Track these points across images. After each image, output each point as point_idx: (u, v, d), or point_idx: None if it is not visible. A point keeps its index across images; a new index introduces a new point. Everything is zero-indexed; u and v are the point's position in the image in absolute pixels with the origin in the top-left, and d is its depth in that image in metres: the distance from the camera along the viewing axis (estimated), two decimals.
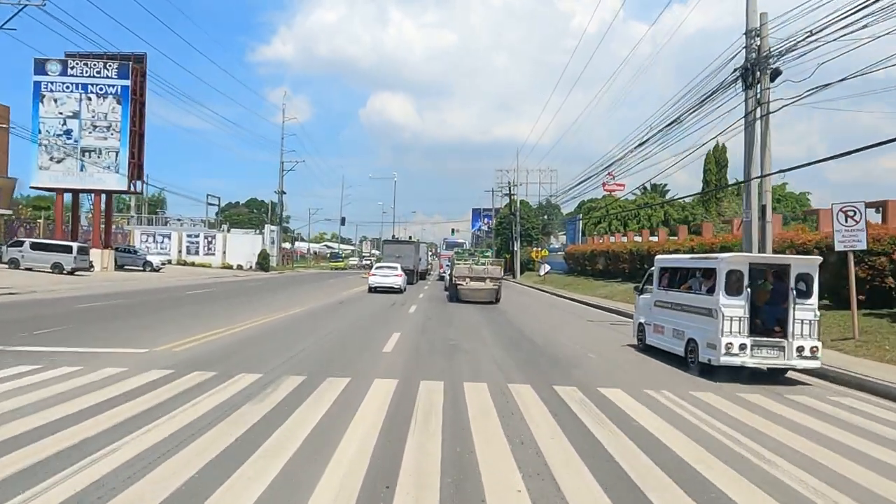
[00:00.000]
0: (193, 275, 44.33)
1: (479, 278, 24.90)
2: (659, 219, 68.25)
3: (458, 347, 12.31)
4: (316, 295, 27.69)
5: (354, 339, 13.23)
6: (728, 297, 9.63)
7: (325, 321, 16.49)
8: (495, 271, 25.13)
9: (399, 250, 42.05)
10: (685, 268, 11.79)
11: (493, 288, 24.92)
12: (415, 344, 12.64)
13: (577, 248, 44.37)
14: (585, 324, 19.28)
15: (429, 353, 11.60)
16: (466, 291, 24.81)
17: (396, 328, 15.08)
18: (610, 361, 11.50)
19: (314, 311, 19.56)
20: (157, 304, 20.25)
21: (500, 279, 25.13)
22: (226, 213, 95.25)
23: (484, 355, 11.43)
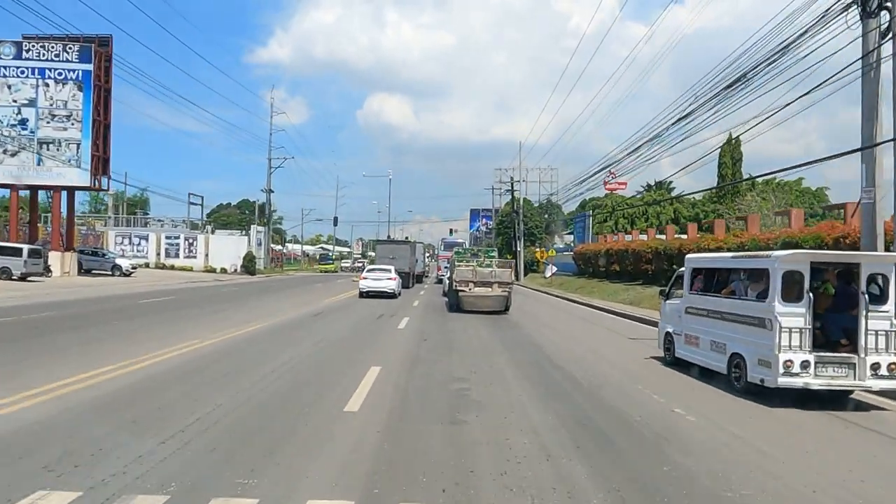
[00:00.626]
0: (168, 279, 39.84)
1: (484, 283, 20.44)
2: (668, 217, 63.99)
3: (467, 397, 7.82)
4: (293, 303, 23.22)
5: (308, 381, 8.67)
6: (786, 304, 7.97)
7: (283, 346, 11.99)
8: (504, 275, 20.66)
9: (393, 251, 37.56)
10: (725, 268, 10.02)
11: (503, 295, 20.46)
12: (400, 392, 8.15)
13: (587, 248, 39.83)
14: (627, 343, 14.79)
15: (421, 412, 7.13)
16: (470, 299, 20.34)
17: (377, 357, 10.60)
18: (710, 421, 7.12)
19: (278, 327, 15.10)
20: (82, 319, 15.74)
21: (510, 284, 20.67)
22: (216, 215, 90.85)
23: (512, 414, 6.96)
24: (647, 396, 8.34)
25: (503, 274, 20.59)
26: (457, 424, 6.45)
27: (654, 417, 7.10)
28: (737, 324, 8.83)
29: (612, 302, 25.70)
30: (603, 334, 16.65)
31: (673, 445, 5.98)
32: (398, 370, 9.57)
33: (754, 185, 60.44)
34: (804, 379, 7.77)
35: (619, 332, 16.79)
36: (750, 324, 8.50)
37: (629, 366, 11.07)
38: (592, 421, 6.83)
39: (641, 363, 11.37)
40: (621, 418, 7.01)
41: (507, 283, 20.52)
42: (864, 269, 8.04)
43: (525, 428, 6.35)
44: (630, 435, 6.35)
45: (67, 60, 35.43)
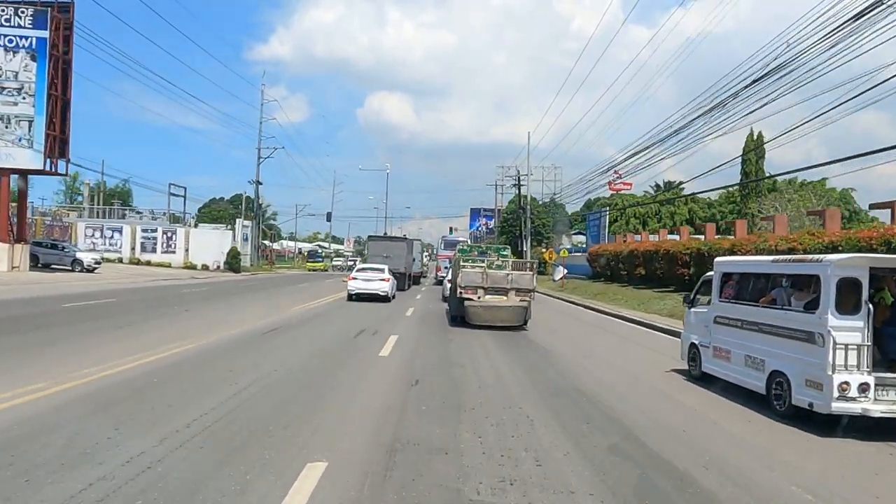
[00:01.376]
0: (136, 276, 34.97)
1: (498, 290, 15.62)
2: (683, 217, 59.26)
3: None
4: (257, 310, 18.41)
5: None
6: (840, 317, 6.77)
7: (187, 395, 7.15)
8: (524, 279, 15.80)
9: (388, 249, 32.70)
10: (763, 274, 8.63)
11: (521, 305, 15.62)
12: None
13: (604, 248, 34.91)
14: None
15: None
16: (479, 311, 15.50)
17: (324, 438, 5.77)
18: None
19: (211, 350, 10.30)
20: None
21: (531, 292, 15.82)
22: (207, 209, 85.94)
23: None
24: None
25: (522, 279, 15.74)
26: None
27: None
28: (778, 337, 7.75)
29: (649, 314, 20.84)
30: (677, 364, 11.77)
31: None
32: (357, 481, 4.69)
33: (776, 186, 55.88)
34: (862, 404, 6.69)
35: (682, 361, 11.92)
36: (795, 338, 7.43)
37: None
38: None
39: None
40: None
41: (527, 290, 15.68)
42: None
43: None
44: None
45: (19, 26, 30.52)
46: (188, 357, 9.65)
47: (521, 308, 15.58)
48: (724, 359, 8.93)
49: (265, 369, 8.90)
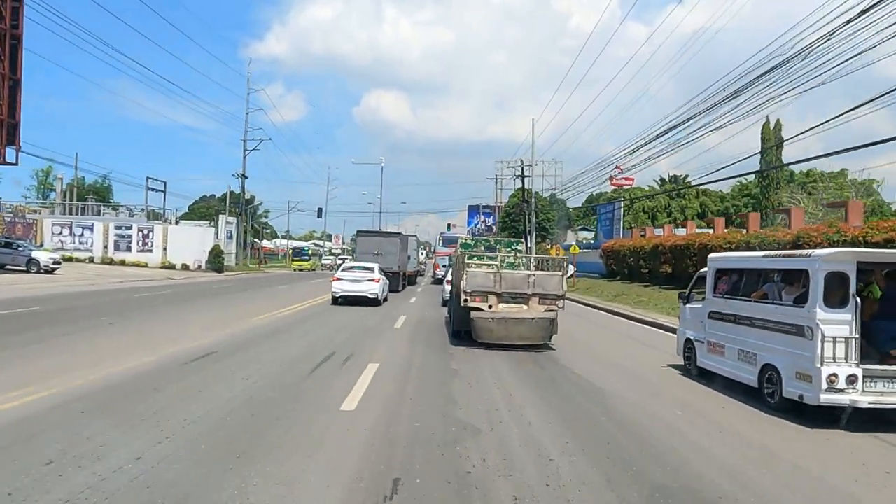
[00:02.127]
0: (100, 278, 30.87)
1: (516, 297, 11.55)
2: (694, 211, 55.29)
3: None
4: (207, 322, 14.35)
5: None
6: (828, 310, 6.88)
7: None
8: (551, 283, 11.65)
9: (379, 245, 28.57)
10: (755, 269, 8.67)
11: (546, 317, 11.52)
12: None
13: (620, 244, 30.73)
14: None
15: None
16: (491, 326, 11.41)
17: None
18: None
19: (60, 407, 6.18)
20: None
21: (559, 298, 11.75)
22: (198, 206, 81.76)
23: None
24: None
25: (549, 281, 11.62)
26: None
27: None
28: (770, 331, 7.71)
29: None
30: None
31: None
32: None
33: (793, 178, 51.94)
34: (851, 395, 6.69)
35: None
36: (786, 332, 7.40)
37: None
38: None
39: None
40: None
41: (554, 296, 11.60)
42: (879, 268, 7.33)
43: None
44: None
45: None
46: (69, 402, 5.65)
47: (547, 321, 11.53)
48: (718, 353, 8.93)
49: (100, 470, 4.71)
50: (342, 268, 23.53)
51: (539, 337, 11.58)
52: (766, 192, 43.43)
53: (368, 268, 22.37)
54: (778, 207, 39.84)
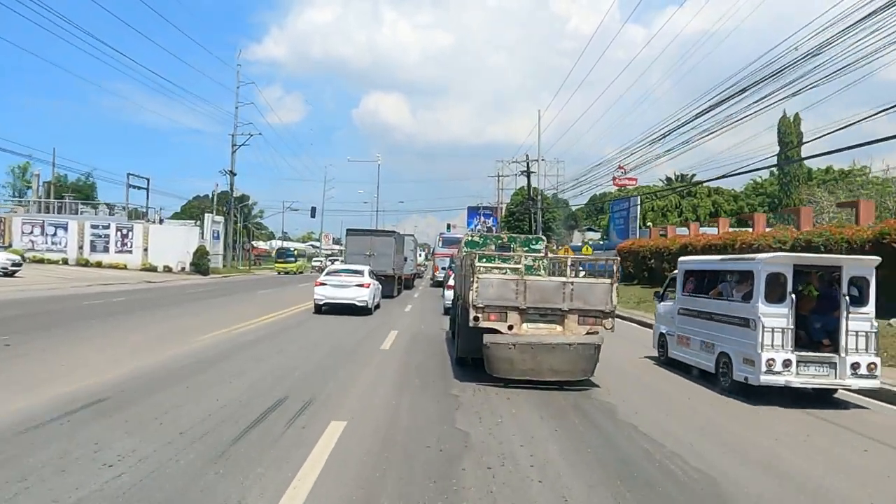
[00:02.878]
0: (70, 281, 27.54)
1: (546, 313, 8.15)
2: (707, 210, 51.85)
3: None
4: (140, 341, 10.92)
5: None
6: (769, 305, 7.93)
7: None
8: (595, 293, 8.17)
9: (371, 245, 25.10)
10: (715, 270, 9.83)
11: (589, 343, 8.12)
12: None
13: (641, 245, 27.03)
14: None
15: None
16: (513, 356, 7.95)
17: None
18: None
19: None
20: None
21: (607, 316, 8.33)
22: (189, 205, 78.32)
23: None
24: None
25: (593, 291, 8.15)
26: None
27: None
28: (724, 324, 8.71)
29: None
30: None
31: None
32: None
33: (811, 176, 48.55)
34: (786, 377, 7.74)
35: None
36: (736, 324, 8.38)
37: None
38: None
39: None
40: None
41: (600, 313, 8.18)
42: (845, 273, 7.99)
43: None
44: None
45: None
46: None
47: (590, 348, 8.09)
48: (685, 345, 9.92)
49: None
50: (327, 271, 20.15)
51: (579, 370, 8.15)
52: (788, 190, 40.05)
53: (357, 271, 19.05)
54: (788, 207, 36.66)
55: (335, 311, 17.45)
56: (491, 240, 12.58)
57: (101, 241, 38.61)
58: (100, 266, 38.26)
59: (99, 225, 38.91)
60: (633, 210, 33.87)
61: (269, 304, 19.80)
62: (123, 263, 38.82)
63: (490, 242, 12.39)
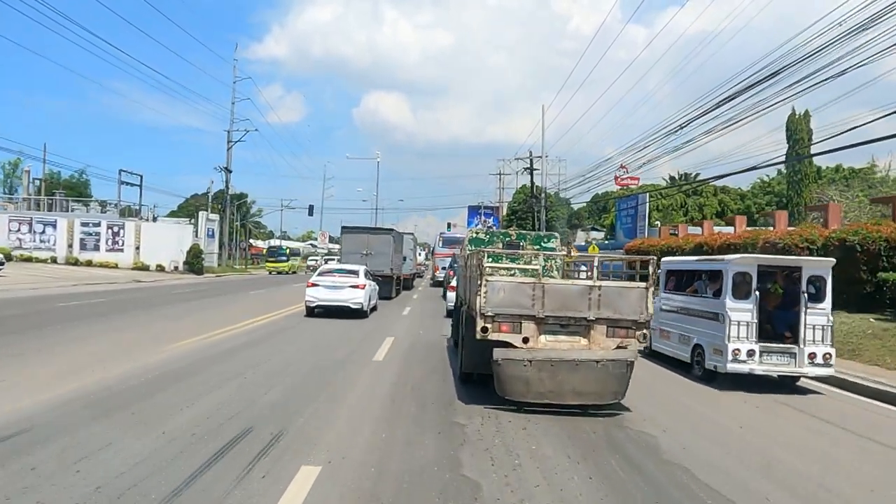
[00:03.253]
0: (54, 281, 26.16)
1: (570, 322, 6.73)
2: (713, 209, 50.37)
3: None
4: (103, 351, 9.54)
5: None
6: (735, 301, 8.77)
7: None
8: (627, 300, 6.72)
9: (368, 244, 23.66)
10: (691, 270, 10.60)
11: (620, 359, 6.73)
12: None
13: (651, 244, 25.25)
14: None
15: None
16: (529, 374, 6.54)
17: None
18: None
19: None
20: None
21: (641, 327, 6.83)
22: (189, 203, 76.95)
23: None
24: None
25: (625, 298, 6.73)
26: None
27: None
28: (698, 318, 9.53)
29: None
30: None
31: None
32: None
33: (820, 174, 47.08)
34: (749, 365, 8.55)
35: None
36: (708, 318, 9.19)
37: None
38: None
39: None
40: None
41: (633, 324, 6.77)
42: (804, 272, 8.76)
43: None
44: None
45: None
46: None
47: (621, 365, 6.67)
48: (666, 338, 10.69)
49: None
50: (319, 271, 18.76)
51: (608, 392, 6.73)
52: (798, 189, 38.61)
53: (351, 271, 17.67)
54: (811, 204, 35.18)
55: (328, 314, 16.11)
56: (498, 237, 11.17)
57: (91, 239, 37.22)
58: (90, 265, 36.89)
59: (89, 223, 37.51)
60: (641, 208, 32.35)
61: (258, 307, 18.40)
62: (114, 262, 37.46)
63: (497, 240, 10.98)
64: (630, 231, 32.40)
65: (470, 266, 8.67)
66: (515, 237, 11.22)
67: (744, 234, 19.31)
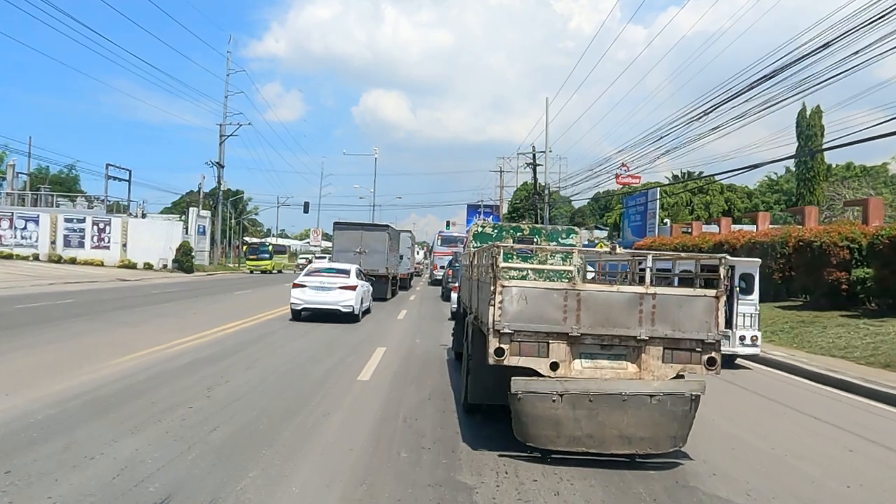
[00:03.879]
0: (33, 279, 24.41)
1: (612, 342, 5.00)
2: (720, 208, 48.65)
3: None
4: (29, 370, 7.77)
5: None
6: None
7: None
8: (692, 312, 4.98)
9: (362, 241, 21.88)
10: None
11: (681, 394, 4.96)
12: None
13: (662, 243, 23.83)
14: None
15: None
16: (560, 414, 4.82)
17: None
18: None
19: None
20: None
21: (709, 349, 5.02)
22: (185, 200, 75.16)
23: None
24: None
25: (688, 309, 4.99)
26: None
27: None
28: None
29: (813, 354, 10.74)
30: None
31: None
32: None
33: (830, 172, 45.40)
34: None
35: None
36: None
37: None
38: None
39: None
40: None
41: (699, 344, 5.04)
42: (737, 270, 10.31)
43: None
44: None
45: None
46: None
47: (683, 401, 4.97)
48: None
49: None
50: (307, 270, 17.01)
51: (666, 437, 4.96)
52: (811, 186, 36.86)
53: (342, 270, 15.97)
54: (811, 204, 33.50)
55: (320, 318, 14.43)
56: (507, 231, 9.42)
57: (75, 235, 35.40)
58: (73, 262, 35.07)
59: (73, 218, 35.69)
60: (651, 205, 30.58)
61: (239, 309, 16.63)
62: (100, 260, 35.67)
63: (506, 235, 9.23)
64: (639, 229, 30.64)
65: (477, 266, 6.92)
66: (529, 232, 9.47)
67: (772, 231, 17.53)
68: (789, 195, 45.46)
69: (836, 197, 36.25)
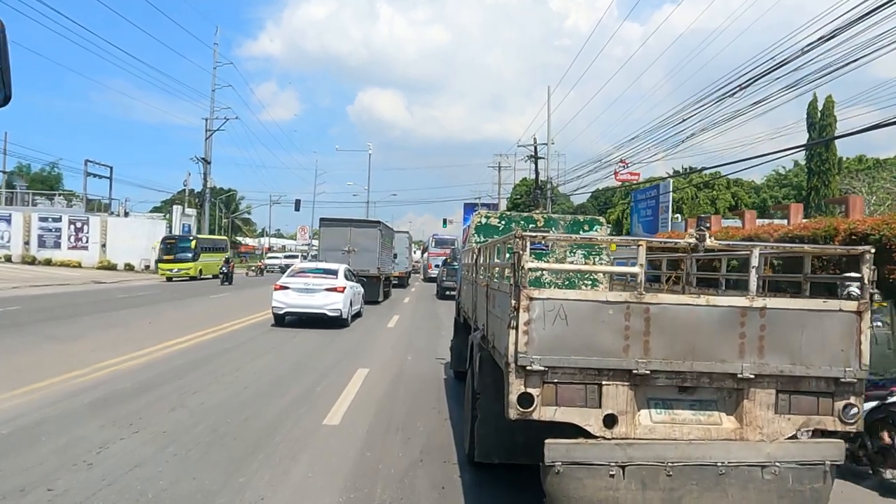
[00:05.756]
0: None
1: (703, 384, 3.18)
2: (726, 203, 47.03)
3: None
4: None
5: None
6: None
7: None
8: (828, 341, 3.13)
9: (351, 238, 20.05)
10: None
11: (815, 465, 3.27)
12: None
13: (680, 238, 22.18)
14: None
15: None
16: (623, 499, 3.18)
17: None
18: None
19: None
20: None
21: (847, 391, 3.09)
22: (175, 199, 73.23)
23: None
24: None
25: (818, 334, 3.29)
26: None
27: None
28: None
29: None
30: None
31: None
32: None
33: (841, 165, 43.81)
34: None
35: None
36: None
37: None
38: None
39: None
40: None
41: (831, 384, 3.33)
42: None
43: None
44: None
45: None
46: None
47: (815, 474, 3.19)
48: None
49: None
50: (289, 271, 15.31)
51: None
52: (826, 179, 35.19)
53: (329, 270, 14.34)
54: (833, 197, 31.89)
55: (304, 323, 12.88)
56: (517, 223, 7.65)
57: (51, 235, 33.47)
58: (48, 264, 33.15)
59: (49, 217, 33.75)
60: (663, 198, 28.85)
61: (211, 315, 14.79)
62: (77, 261, 33.76)
63: (516, 227, 7.45)
64: (650, 224, 28.88)
65: (485, 266, 5.16)
66: (543, 223, 7.71)
67: (811, 224, 15.83)
68: (799, 189, 43.88)
69: (850, 190, 34.69)
